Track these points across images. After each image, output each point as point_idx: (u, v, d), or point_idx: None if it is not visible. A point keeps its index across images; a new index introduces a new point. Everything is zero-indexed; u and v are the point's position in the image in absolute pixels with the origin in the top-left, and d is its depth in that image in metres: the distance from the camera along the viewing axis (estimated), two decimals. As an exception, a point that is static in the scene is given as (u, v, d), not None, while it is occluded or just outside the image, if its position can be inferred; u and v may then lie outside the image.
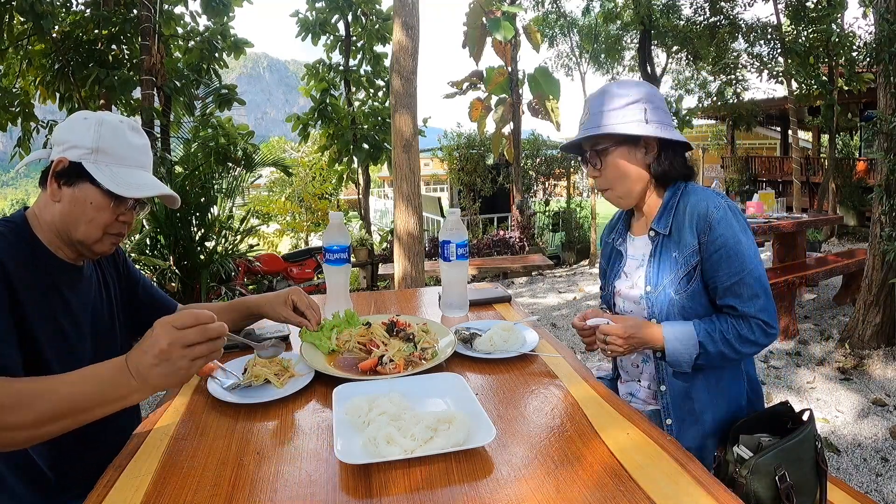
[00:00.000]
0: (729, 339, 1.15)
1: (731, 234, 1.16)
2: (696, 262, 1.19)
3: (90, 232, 1.05)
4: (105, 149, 1.04)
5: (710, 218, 1.17)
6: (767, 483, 1.04)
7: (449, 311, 1.60)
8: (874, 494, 2.22)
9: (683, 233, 1.21)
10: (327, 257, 1.51)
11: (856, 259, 4.54)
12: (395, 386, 1.02)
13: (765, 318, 1.16)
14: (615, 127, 1.21)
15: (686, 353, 1.17)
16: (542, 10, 12.15)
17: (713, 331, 1.16)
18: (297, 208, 13.27)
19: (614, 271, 1.39)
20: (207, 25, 6.78)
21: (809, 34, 8.85)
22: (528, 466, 0.80)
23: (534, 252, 8.66)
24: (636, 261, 1.33)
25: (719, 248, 1.16)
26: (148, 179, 1.11)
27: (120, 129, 1.07)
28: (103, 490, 0.76)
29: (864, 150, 13.30)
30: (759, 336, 1.16)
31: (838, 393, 3.13)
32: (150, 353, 0.79)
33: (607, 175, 1.26)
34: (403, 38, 4.22)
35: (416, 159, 4.33)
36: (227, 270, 4.31)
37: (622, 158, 1.24)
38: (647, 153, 1.25)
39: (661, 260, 1.24)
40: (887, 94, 3.43)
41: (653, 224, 1.26)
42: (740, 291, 1.16)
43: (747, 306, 1.16)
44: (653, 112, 1.23)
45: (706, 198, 1.21)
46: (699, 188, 1.27)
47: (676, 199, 1.25)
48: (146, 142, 1.14)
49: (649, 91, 1.26)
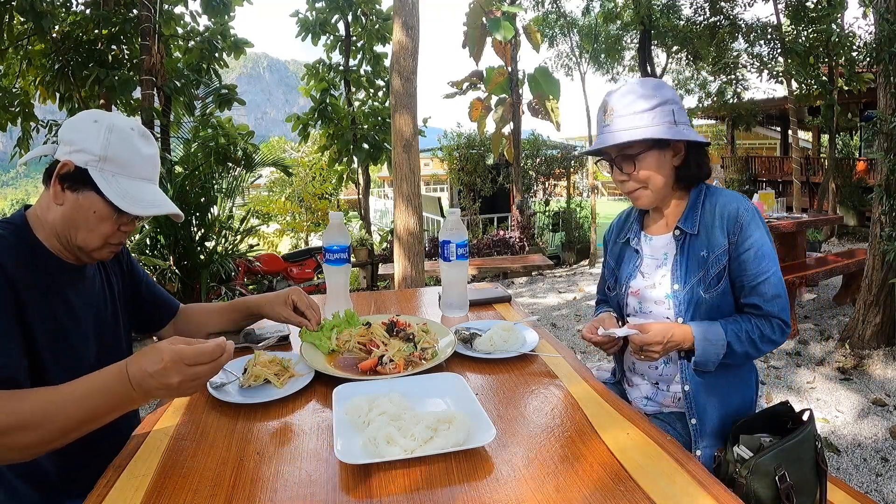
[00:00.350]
0: (753, 339, 1.19)
1: (760, 235, 1.21)
2: (725, 261, 1.22)
3: (90, 240, 1.04)
4: (113, 157, 1.02)
5: (741, 219, 1.21)
6: (767, 483, 1.04)
7: (449, 311, 1.60)
8: (874, 494, 2.22)
9: (713, 232, 1.23)
10: (327, 257, 1.51)
11: (856, 259, 4.53)
12: (395, 386, 1.02)
13: (785, 318, 1.21)
14: (646, 131, 1.20)
15: (714, 353, 1.19)
16: (542, 10, 12.14)
17: (739, 331, 1.19)
18: (297, 208, 13.27)
19: (628, 271, 1.37)
20: (207, 25, 6.78)
21: (809, 34, 8.85)
22: (528, 466, 0.80)
23: (534, 252, 8.66)
24: (655, 260, 1.32)
25: (749, 248, 1.20)
26: (156, 196, 1.08)
27: (130, 137, 1.04)
28: (103, 490, 0.76)
29: (864, 150, 13.30)
30: (779, 335, 1.21)
31: (838, 393, 3.13)
32: (156, 379, 0.81)
33: (638, 178, 1.26)
34: (403, 38, 4.22)
35: (416, 159, 4.33)
36: (227, 270, 4.31)
37: (654, 162, 1.24)
38: (676, 155, 1.26)
39: (689, 259, 1.25)
40: (887, 94, 3.43)
41: (679, 223, 1.27)
42: (765, 291, 1.20)
43: (770, 305, 1.20)
44: (680, 113, 1.23)
45: (735, 199, 1.25)
46: (723, 189, 1.29)
47: (702, 199, 1.28)
48: (155, 151, 1.11)
49: (672, 91, 1.26)
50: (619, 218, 1.49)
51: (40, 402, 0.82)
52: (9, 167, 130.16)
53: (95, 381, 0.84)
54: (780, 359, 3.69)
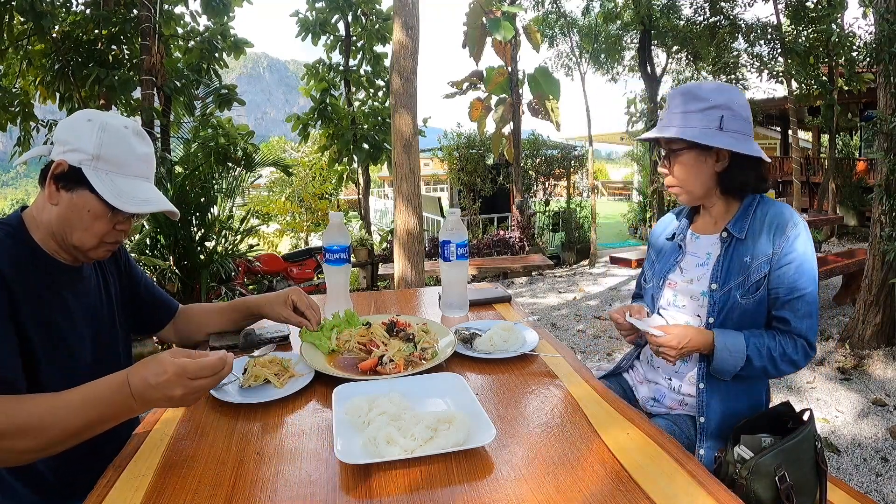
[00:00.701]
0: (774, 357, 1.19)
1: (804, 250, 1.20)
2: (767, 270, 1.22)
3: (85, 239, 1.04)
4: (106, 156, 1.01)
5: (788, 231, 1.21)
6: (767, 483, 1.04)
7: (449, 311, 1.60)
8: (874, 494, 2.22)
9: (760, 240, 1.23)
10: (327, 257, 1.51)
11: (856, 259, 4.53)
12: (395, 386, 1.02)
13: (811, 340, 1.21)
14: (685, 131, 1.22)
15: (732, 364, 1.19)
16: (542, 10, 12.13)
17: (762, 346, 1.19)
18: (297, 208, 13.26)
19: (668, 264, 1.39)
20: (207, 25, 6.78)
21: (809, 34, 8.84)
22: (528, 466, 0.80)
23: (534, 252, 8.66)
24: (697, 258, 1.34)
25: (791, 260, 1.20)
26: (150, 193, 1.08)
27: (124, 136, 1.04)
28: (103, 490, 0.76)
29: (864, 150, 13.30)
30: (801, 357, 1.20)
31: (838, 393, 3.13)
32: (158, 391, 0.82)
33: (675, 174, 1.29)
34: (403, 38, 4.22)
35: (416, 159, 4.33)
36: (227, 270, 4.31)
37: (691, 162, 1.25)
38: (718, 161, 1.25)
39: (732, 261, 1.25)
40: (887, 94, 3.43)
41: (728, 226, 1.28)
42: (798, 307, 1.20)
43: (800, 323, 1.20)
44: (731, 120, 1.21)
45: (787, 211, 1.24)
46: (777, 201, 1.29)
47: (754, 206, 1.28)
48: (150, 150, 1.10)
49: (731, 97, 1.23)
50: (672, 214, 1.52)
51: (39, 408, 0.82)
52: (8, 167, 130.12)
53: (96, 390, 0.84)
54: (780, 359, 3.69)
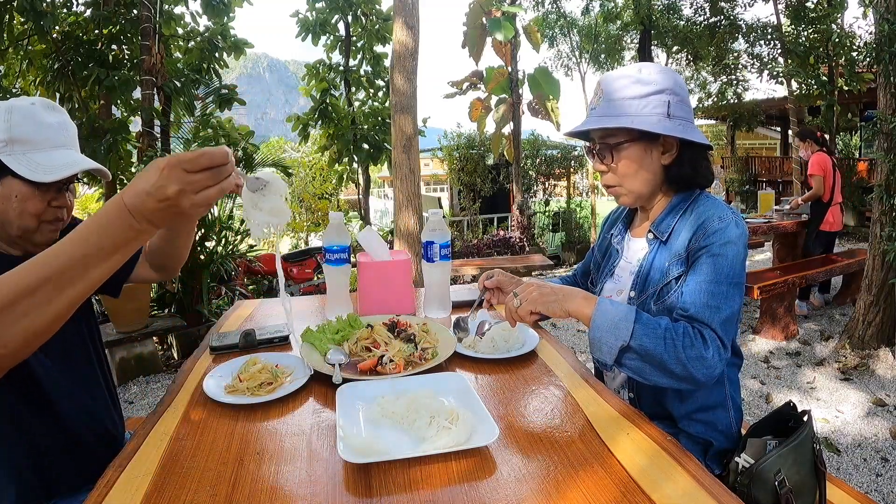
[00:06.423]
0: (674, 339, 0.95)
1: (721, 244, 1.02)
2: (680, 272, 1.07)
3: (24, 223, 1.04)
4: (18, 137, 1.01)
5: (707, 226, 1.05)
6: (767, 489, 1.03)
7: (431, 311, 1.58)
8: (874, 494, 2.22)
9: (678, 240, 1.09)
10: (327, 258, 1.51)
11: (856, 259, 4.54)
12: (395, 386, 1.02)
13: (719, 333, 0.98)
14: (633, 120, 1.05)
15: (611, 336, 0.96)
16: (542, 11, 12.15)
17: (657, 325, 0.96)
18: (297, 208, 13.27)
19: (606, 270, 1.29)
20: (207, 25, 6.77)
21: (809, 34, 8.86)
22: (528, 466, 0.80)
23: (534, 252, 8.65)
24: (629, 264, 1.23)
25: (702, 255, 1.03)
26: (67, 158, 1.06)
27: (31, 112, 1.03)
28: (103, 490, 0.76)
29: (864, 150, 13.31)
30: (711, 352, 0.95)
31: (839, 393, 3.13)
32: (153, 197, 0.72)
33: (617, 172, 1.12)
34: (404, 38, 4.22)
35: (416, 159, 4.34)
36: (227, 270, 4.31)
37: (637, 156, 1.10)
38: (666, 153, 1.11)
39: (653, 267, 1.13)
40: (887, 94, 3.43)
41: (652, 227, 1.15)
42: (698, 299, 1.00)
43: (701, 310, 0.99)
44: (677, 106, 1.07)
45: (717, 208, 1.07)
46: (715, 199, 1.13)
47: (686, 203, 1.13)
48: (63, 118, 1.09)
49: (675, 80, 1.09)
50: (614, 213, 1.40)
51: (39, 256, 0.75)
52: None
53: (93, 219, 0.76)
54: (781, 359, 3.69)
